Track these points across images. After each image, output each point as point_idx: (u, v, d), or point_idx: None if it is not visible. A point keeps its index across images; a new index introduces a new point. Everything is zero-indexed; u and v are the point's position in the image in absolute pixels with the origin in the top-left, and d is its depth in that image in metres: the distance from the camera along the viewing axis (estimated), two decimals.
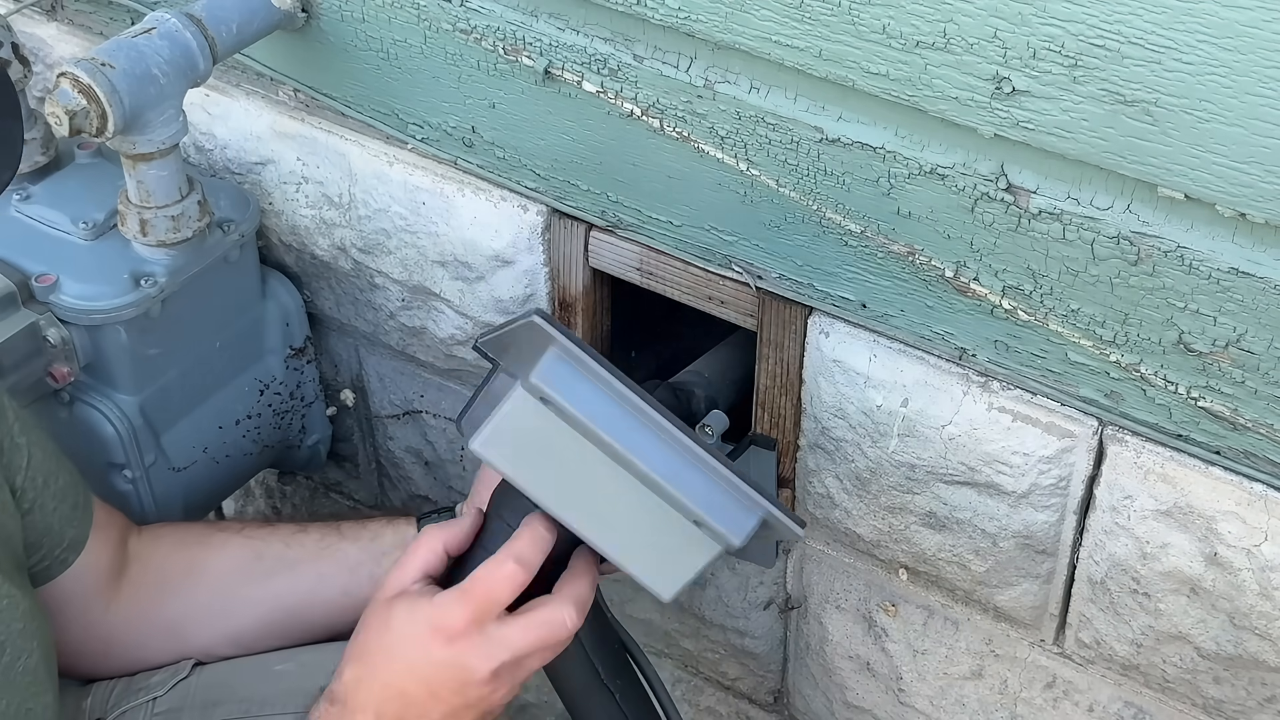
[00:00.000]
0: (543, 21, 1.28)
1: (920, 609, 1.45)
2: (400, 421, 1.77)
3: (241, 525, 1.46)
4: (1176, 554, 1.20)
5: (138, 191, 1.40)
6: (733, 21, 1.15)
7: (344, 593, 1.41)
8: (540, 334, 1.07)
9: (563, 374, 1.07)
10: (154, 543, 1.40)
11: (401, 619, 1.11)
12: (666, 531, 1.10)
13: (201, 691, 1.37)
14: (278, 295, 1.63)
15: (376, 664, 1.11)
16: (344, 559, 1.41)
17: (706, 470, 1.08)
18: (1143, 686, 1.34)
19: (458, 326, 1.56)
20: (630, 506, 1.09)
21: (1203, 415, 1.15)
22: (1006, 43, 1.03)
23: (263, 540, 1.42)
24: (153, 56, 1.31)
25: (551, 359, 1.07)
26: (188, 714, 1.36)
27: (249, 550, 1.41)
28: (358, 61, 1.43)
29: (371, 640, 1.12)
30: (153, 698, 1.37)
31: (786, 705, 1.69)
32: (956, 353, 1.25)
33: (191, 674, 1.39)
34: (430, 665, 1.10)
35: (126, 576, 1.37)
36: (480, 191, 1.45)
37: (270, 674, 1.39)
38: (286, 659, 1.41)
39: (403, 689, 1.10)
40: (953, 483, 1.30)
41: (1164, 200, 1.05)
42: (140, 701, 1.37)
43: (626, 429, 1.08)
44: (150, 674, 1.39)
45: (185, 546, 1.41)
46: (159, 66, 1.31)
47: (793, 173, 1.22)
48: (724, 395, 1.45)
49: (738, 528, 1.09)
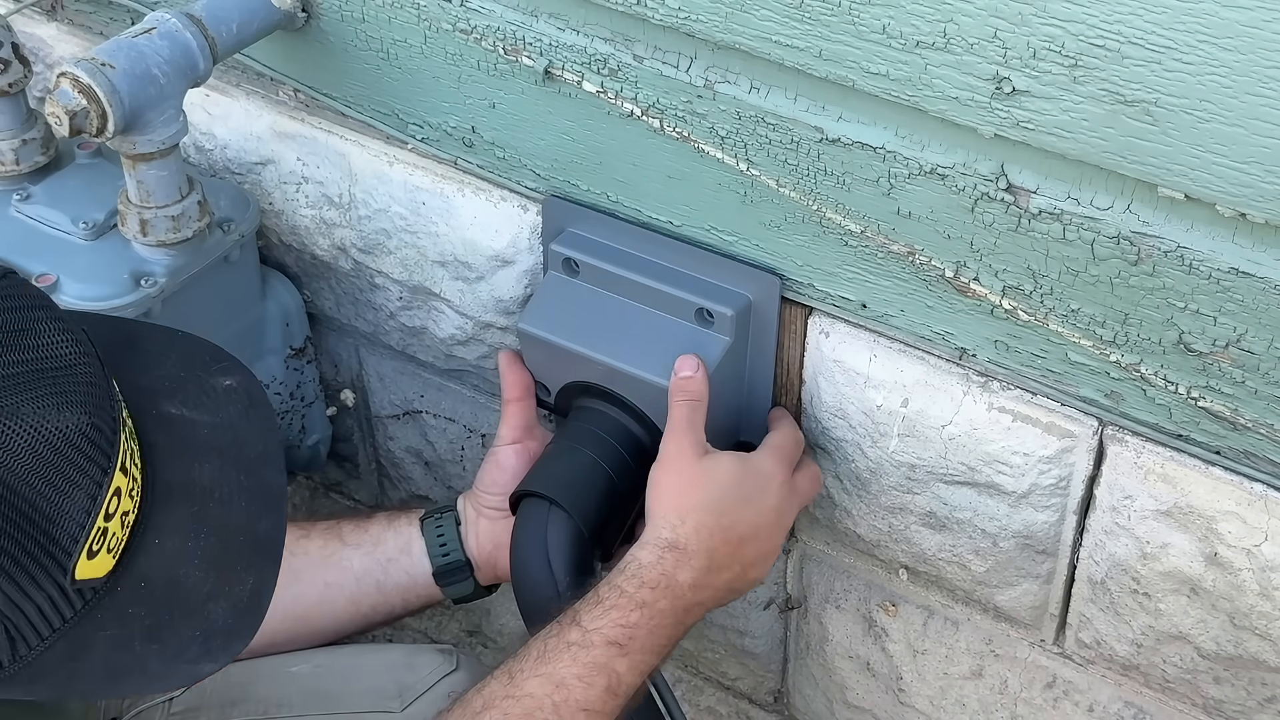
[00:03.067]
0: (543, 21, 1.28)
1: (920, 609, 1.45)
2: (400, 421, 1.77)
3: None
4: (1177, 554, 1.20)
5: (138, 191, 1.40)
6: (733, 21, 1.15)
7: (351, 601, 1.41)
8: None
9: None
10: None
11: (731, 475, 1.28)
12: (679, 337, 1.31)
13: (219, 692, 1.36)
14: (278, 295, 1.63)
15: (716, 512, 1.26)
16: (349, 567, 1.41)
17: (697, 266, 1.32)
18: (1143, 686, 1.34)
19: (458, 326, 1.56)
20: (646, 327, 1.32)
21: (1203, 415, 1.15)
22: (1007, 43, 1.03)
23: None
24: (153, 56, 1.31)
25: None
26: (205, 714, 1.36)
27: None
28: (358, 61, 1.43)
29: (702, 495, 1.26)
30: (169, 697, 1.37)
31: (786, 705, 1.69)
32: (957, 353, 1.25)
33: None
34: (764, 509, 1.28)
35: None
36: (480, 191, 1.44)
37: (287, 675, 1.39)
38: (303, 660, 1.41)
39: (738, 531, 1.26)
40: (953, 483, 1.30)
41: (1164, 200, 1.05)
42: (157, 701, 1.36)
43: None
44: None
45: None
46: (159, 66, 1.31)
47: (793, 173, 1.21)
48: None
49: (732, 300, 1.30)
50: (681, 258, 1.33)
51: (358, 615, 1.42)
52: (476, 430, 1.69)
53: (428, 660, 1.42)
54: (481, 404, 1.66)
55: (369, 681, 1.40)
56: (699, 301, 1.31)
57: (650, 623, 1.20)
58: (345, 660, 1.42)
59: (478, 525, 1.41)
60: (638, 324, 1.34)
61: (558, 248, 1.37)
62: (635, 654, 1.19)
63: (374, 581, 1.41)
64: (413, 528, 1.42)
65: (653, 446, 1.35)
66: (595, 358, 1.34)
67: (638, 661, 1.19)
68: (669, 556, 1.23)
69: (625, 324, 1.34)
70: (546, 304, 1.38)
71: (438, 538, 1.41)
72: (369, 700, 1.39)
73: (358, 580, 1.41)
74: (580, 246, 1.36)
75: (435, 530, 1.42)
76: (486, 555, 1.41)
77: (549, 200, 1.39)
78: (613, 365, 1.33)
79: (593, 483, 1.34)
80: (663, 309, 1.33)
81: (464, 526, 1.42)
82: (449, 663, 1.41)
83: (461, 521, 1.42)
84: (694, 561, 1.23)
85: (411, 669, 1.41)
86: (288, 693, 1.38)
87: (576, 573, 1.30)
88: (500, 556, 1.40)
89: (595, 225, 1.36)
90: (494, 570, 1.42)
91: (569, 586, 1.29)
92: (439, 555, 1.41)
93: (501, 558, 1.40)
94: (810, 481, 1.36)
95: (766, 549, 1.29)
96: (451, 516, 1.42)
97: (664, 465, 1.28)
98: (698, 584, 1.23)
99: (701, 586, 1.24)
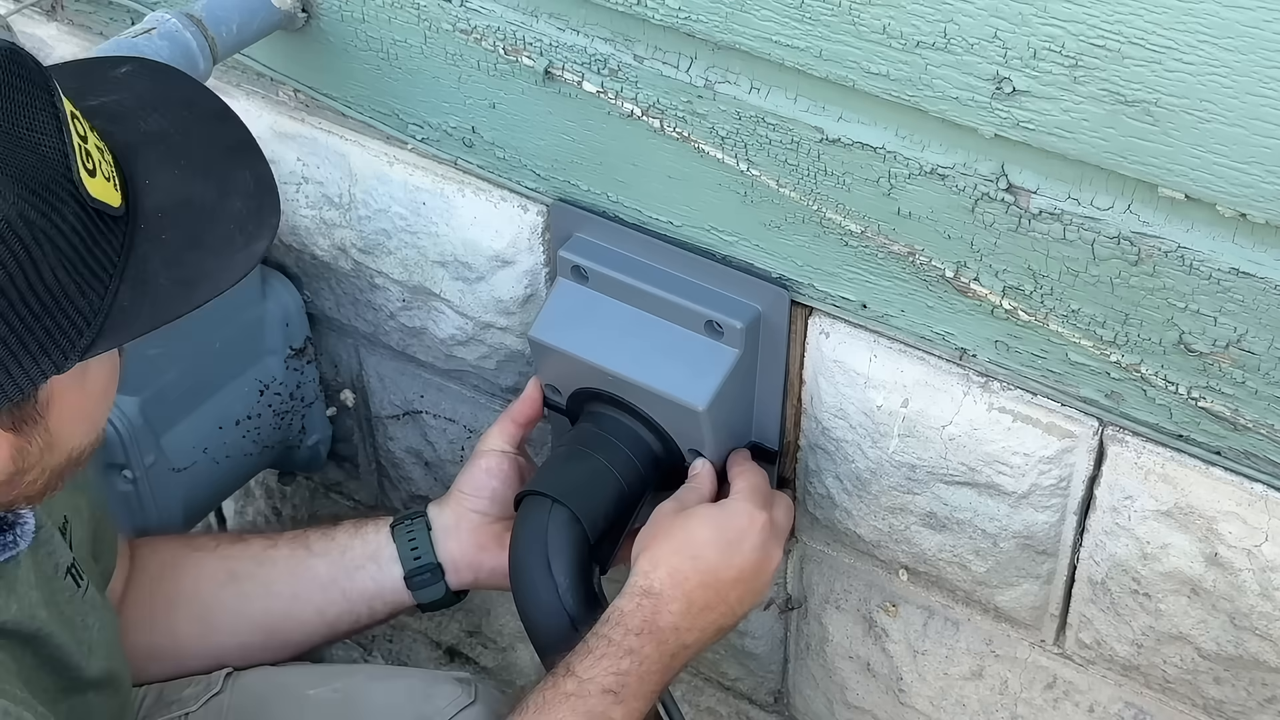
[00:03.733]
0: (543, 22, 1.28)
1: (920, 609, 1.45)
2: (400, 422, 1.77)
3: (216, 542, 1.46)
4: (1177, 554, 1.20)
5: None
6: (733, 22, 1.15)
7: (318, 612, 1.42)
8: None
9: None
10: (142, 569, 1.41)
11: (706, 522, 1.29)
12: (688, 349, 1.32)
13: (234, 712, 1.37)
14: (278, 295, 1.63)
15: (690, 556, 1.27)
16: (315, 577, 1.42)
17: (707, 276, 1.32)
18: (1143, 687, 1.34)
19: (458, 327, 1.56)
20: (655, 336, 1.33)
21: (1203, 415, 1.15)
22: (1007, 43, 1.03)
23: (235, 559, 1.42)
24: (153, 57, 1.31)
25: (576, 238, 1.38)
26: None
27: (224, 571, 1.42)
28: (358, 62, 1.43)
29: (674, 542, 1.28)
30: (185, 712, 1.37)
31: (787, 705, 1.69)
32: (957, 353, 1.25)
33: (224, 689, 1.39)
34: (748, 551, 1.29)
35: (125, 601, 1.38)
36: (480, 192, 1.44)
37: (304, 699, 1.40)
38: (320, 683, 1.42)
39: (721, 574, 1.28)
40: (953, 483, 1.30)
41: (1164, 200, 1.05)
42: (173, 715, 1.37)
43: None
44: (183, 686, 1.40)
45: (167, 570, 1.42)
46: None
47: (793, 173, 1.21)
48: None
49: (741, 311, 1.31)
50: (691, 267, 1.33)
51: (324, 625, 1.43)
52: (476, 430, 1.69)
53: (446, 691, 1.42)
54: (481, 404, 1.66)
55: (388, 710, 1.40)
56: (709, 313, 1.31)
57: (640, 668, 1.22)
58: (362, 685, 1.43)
59: (458, 529, 1.42)
60: (648, 334, 1.34)
61: (566, 254, 1.37)
62: (629, 700, 1.21)
63: (340, 590, 1.41)
64: (381, 534, 1.42)
65: (663, 453, 1.36)
66: (606, 368, 1.34)
67: (632, 708, 1.22)
68: (646, 603, 1.25)
69: (635, 334, 1.34)
70: (557, 312, 1.38)
71: (409, 542, 1.42)
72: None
73: (324, 589, 1.41)
74: (588, 253, 1.36)
75: (406, 535, 1.43)
76: (469, 558, 1.42)
77: (556, 205, 1.39)
78: (623, 376, 1.34)
79: (600, 486, 1.34)
80: (673, 319, 1.33)
81: (436, 532, 1.42)
82: (467, 695, 1.42)
83: (432, 527, 1.43)
84: (671, 606, 1.25)
85: (429, 699, 1.41)
86: (305, 717, 1.38)
87: (577, 574, 1.30)
88: (486, 557, 1.40)
89: (603, 231, 1.36)
90: (476, 573, 1.42)
91: (569, 588, 1.29)
92: (410, 559, 1.41)
93: (488, 558, 1.40)
94: (786, 514, 1.36)
95: (756, 586, 1.30)
96: (422, 522, 1.43)
97: (646, 525, 1.32)
98: (679, 627, 1.25)
99: (685, 629, 1.25)
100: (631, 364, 1.34)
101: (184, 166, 1.04)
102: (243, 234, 1.02)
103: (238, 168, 1.06)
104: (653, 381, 1.32)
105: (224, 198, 1.03)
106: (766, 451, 1.40)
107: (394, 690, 1.43)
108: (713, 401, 1.31)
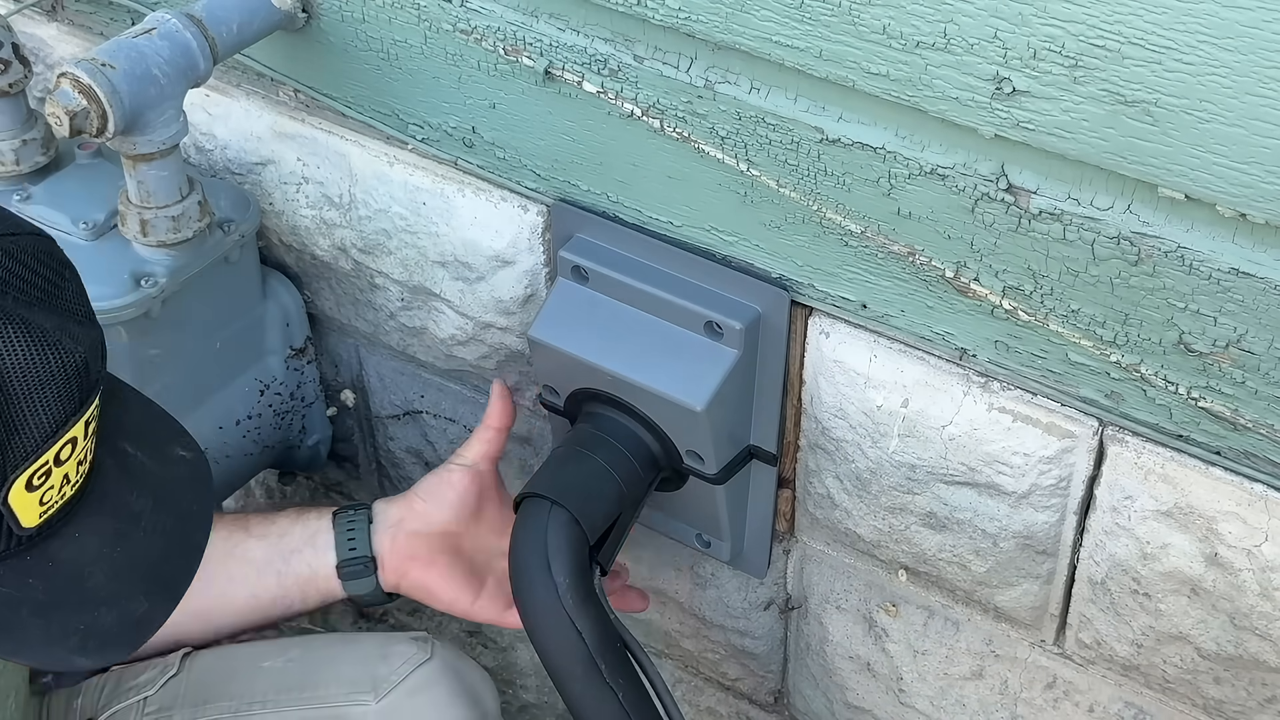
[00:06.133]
0: (543, 22, 1.28)
1: (920, 609, 1.45)
2: (401, 422, 1.77)
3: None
4: (1177, 554, 1.20)
5: (138, 192, 1.40)
6: (733, 22, 1.15)
7: (251, 595, 1.42)
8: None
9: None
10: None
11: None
12: (688, 349, 1.32)
13: (192, 690, 1.37)
14: (278, 295, 1.63)
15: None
16: (251, 558, 1.41)
17: (706, 277, 1.32)
18: (1143, 687, 1.34)
19: (458, 327, 1.56)
20: (655, 337, 1.33)
21: (1203, 415, 1.15)
22: (1007, 43, 1.03)
23: None
24: (153, 57, 1.31)
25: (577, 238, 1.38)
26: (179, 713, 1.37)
27: None
28: (358, 62, 1.43)
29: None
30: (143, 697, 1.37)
31: (787, 706, 1.69)
32: (957, 353, 1.25)
33: (181, 670, 1.39)
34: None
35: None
36: (480, 192, 1.45)
37: (259, 671, 1.40)
38: (275, 654, 1.42)
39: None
40: (953, 483, 1.30)
41: (1164, 200, 1.05)
42: (131, 701, 1.37)
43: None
44: (139, 671, 1.40)
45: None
46: (159, 67, 1.31)
47: (793, 173, 1.22)
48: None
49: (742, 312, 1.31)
50: (691, 268, 1.33)
51: (257, 608, 1.43)
52: None
53: (401, 650, 1.42)
54: (481, 404, 1.66)
55: (343, 673, 1.41)
56: (708, 314, 1.31)
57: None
58: (318, 652, 1.43)
59: (397, 530, 1.42)
60: (647, 335, 1.34)
61: (566, 254, 1.37)
62: None
63: (275, 572, 1.41)
64: (322, 521, 1.43)
65: (662, 454, 1.36)
66: (605, 368, 1.34)
67: None
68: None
69: (635, 334, 1.34)
70: (557, 312, 1.38)
71: (348, 531, 1.42)
72: (343, 692, 1.39)
73: (259, 571, 1.41)
74: (589, 254, 1.36)
75: (346, 524, 1.43)
76: (396, 562, 1.42)
77: (556, 206, 1.39)
78: (623, 376, 1.34)
79: (599, 487, 1.34)
80: (672, 320, 1.33)
81: (376, 526, 1.43)
82: (423, 652, 1.42)
83: (374, 521, 1.43)
84: None
85: (385, 659, 1.41)
86: (261, 688, 1.38)
87: (577, 574, 1.30)
88: (412, 566, 1.41)
89: (603, 231, 1.36)
90: (400, 578, 1.43)
91: (569, 588, 1.29)
92: (346, 548, 1.41)
93: (414, 568, 1.41)
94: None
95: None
96: (365, 514, 1.44)
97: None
98: None
99: None
100: (631, 364, 1.34)
101: (114, 553, 0.99)
102: (80, 643, 0.97)
103: (145, 596, 1.01)
104: (652, 382, 1.33)
105: (104, 605, 0.99)
106: (768, 454, 1.40)
107: (349, 654, 1.43)
108: (711, 402, 1.31)
